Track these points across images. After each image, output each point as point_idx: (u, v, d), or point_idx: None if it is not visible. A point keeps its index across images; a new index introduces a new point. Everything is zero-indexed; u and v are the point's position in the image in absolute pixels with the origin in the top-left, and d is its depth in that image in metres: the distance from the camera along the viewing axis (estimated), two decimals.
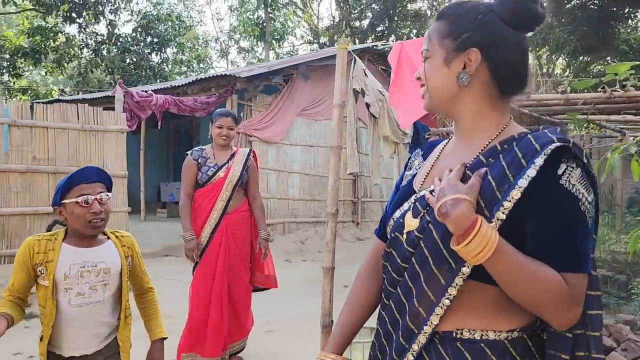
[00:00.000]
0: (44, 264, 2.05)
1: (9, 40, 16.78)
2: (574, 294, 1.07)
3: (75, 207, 2.05)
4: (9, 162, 6.27)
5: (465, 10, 1.23)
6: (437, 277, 1.15)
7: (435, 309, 1.16)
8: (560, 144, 1.09)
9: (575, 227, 1.08)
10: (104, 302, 2.13)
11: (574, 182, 1.08)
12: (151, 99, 7.97)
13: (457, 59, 1.21)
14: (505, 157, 1.14)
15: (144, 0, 19.75)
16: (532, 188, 1.08)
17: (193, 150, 3.89)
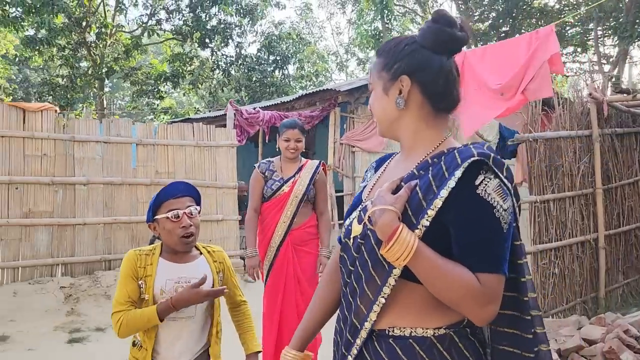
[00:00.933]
0: (144, 278, 2.14)
1: (155, 68, 18.97)
2: (486, 292, 1.18)
3: (167, 222, 2.11)
4: (137, 176, 7.24)
5: (395, 44, 1.42)
6: (375, 278, 1.31)
7: (373, 307, 1.31)
8: (478, 158, 1.23)
9: (489, 232, 1.21)
10: (196, 317, 2.18)
11: (489, 192, 1.21)
12: (258, 115, 8.64)
13: (392, 87, 1.38)
14: (432, 170, 1.29)
15: (267, 22, 20.98)
16: (453, 197, 1.21)
17: (261, 163, 3.79)
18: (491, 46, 4.33)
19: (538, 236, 5.26)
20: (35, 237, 6.46)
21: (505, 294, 1.31)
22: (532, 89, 3.75)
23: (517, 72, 3.70)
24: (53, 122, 6.68)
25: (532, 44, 3.73)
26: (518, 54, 3.77)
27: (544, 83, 3.73)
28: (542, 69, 3.65)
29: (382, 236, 1.24)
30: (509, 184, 1.26)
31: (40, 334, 5.48)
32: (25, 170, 6.44)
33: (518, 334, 1.33)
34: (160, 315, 2.07)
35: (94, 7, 16.86)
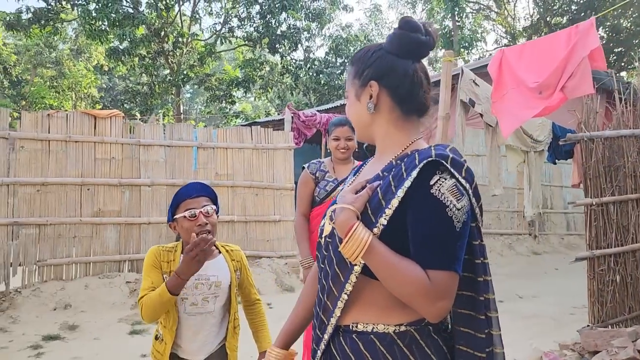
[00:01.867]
0: (167, 272, 2.21)
1: (228, 74, 19.72)
2: (435, 289, 1.20)
3: (184, 221, 2.18)
4: (197, 177, 7.60)
5: (364, 52, 1.49)
6: (339, 275, 1.37)
7: (337, 303, 1.37)
8: (434, 158, 1.26)
9: (440, 230, 1.23)
10: (214, 312, 2.27)
11: (443, 191, 1.24)
12: (315, 118, 8.77)
13: (363, 93, 1.44)
14: (394, 171, 1.34)
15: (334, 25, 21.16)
16: (410, 197, 1.26)
17: (310, 163, 3.54)
18: (529, 43, 4.15)
19: (595, 241, 4.97)
20: (105, 234, 6.96)
21: (464, 292, 1.34)
22: (571, 86, 3.57)
23: (556, 69, 3.54)
24: (120, 127, 7.17)
25: (572, 39, 3.54)
26: (557, 50, 3.60)
27: (584, 80, 3.53)
28: (581, 65, 3.46)
29: (340, 233, 1.31)
30: (467, 185, 1.29)
31: (106, 325, 5.91)
32: (95, 172, 6.96)
33: (472, 334, 1.34)
34: (169, 288, 2.09)
35: (171, 17, 17.80)
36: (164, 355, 2.24)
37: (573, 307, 6.54)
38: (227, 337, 2.33)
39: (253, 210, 7.93)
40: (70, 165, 6.80)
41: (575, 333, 4.86)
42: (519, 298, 7.24)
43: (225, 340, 2.32)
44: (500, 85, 3.86)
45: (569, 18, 20.03)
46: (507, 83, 3.80)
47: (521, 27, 23.42)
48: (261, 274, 7.51)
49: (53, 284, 6.54)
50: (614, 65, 19.13)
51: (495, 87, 3.91)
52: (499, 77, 3.89)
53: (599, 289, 4.96)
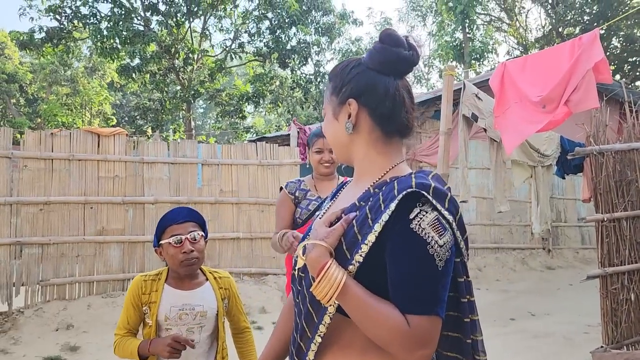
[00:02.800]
0: (149, 304, 2.16)
1: (238, 89, 19.80)
2: (415, 336, 1.09)
3: (169, 247, 2.14)
4: (202, 195, 7.54)
5: (342, 68, 1.37)
6: (312, 315, 1.26)
7: (311, 345, 1.25)
8: (414, 189, 1.15)
9: (420, 270, 1.12)
10: (200, 343, 2.19)
11: (424, 226, 1.13)
12: None
13: (342, 111, 1.33)
14: (371, 201, 1.22)
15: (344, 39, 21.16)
16: (389, 231, 1.15)
17: (289, 183, 3.22)
18: (532, 55, 4.03)
19: (607, 258, 4.79)
20: (108, 253, 6.91)
21: (449, 334, 1.26)
22: (575, 99, 3.43)
23: (559, 82, 3.40)
24: (124, 145, 7.15)
25: (575, 52, 3.41)
26: (560, 63, 3.46)
27: (588, 93, 3.40)
28: (586, 78, 3.33)
29: (312, 271, 1.20)
30: (451, 217, 1.18)
31: (108, 346, 5.78)
32: (99, 190, 6.93)
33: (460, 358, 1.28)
34: (140, 353, 2.13)
35: (181, 34, 17.95)
36: None
37: (587, 325, 6.32)
38: None
39: (259, 226, 7.84)
40: (73, 183, 6.78)
41: (589, 354, 4.66)
42: (532, 316, 7.02)
43: None
44: (503, 100, 3.74)
45: (581, 28, 19.84)
46: (510, 97, 3.67)
47: (533, 38, 23.24)
48: (267, 292, 7.39)
49: (55, 304, 6.49)
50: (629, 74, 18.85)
51: (497, 102, 3.79)
52: (501, 91, 3.77)
53: (613, 308, 4.77)
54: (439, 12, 21.63)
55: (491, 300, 7.77)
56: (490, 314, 6.99)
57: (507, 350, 5.30)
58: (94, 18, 16.23)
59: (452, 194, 1.26)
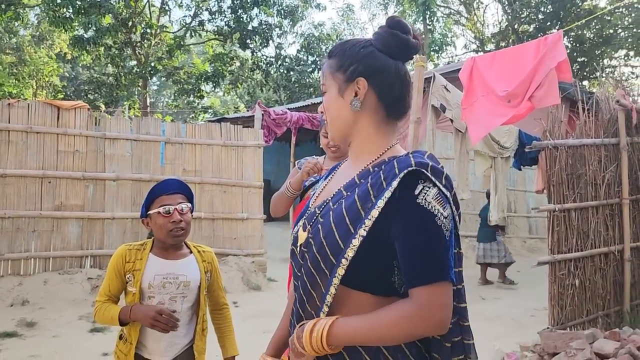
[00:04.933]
0: (132, 272, 2.19)
1: (197, 67, 19.44)
2: (426, 306, 1.16)
3: (158, 217, 2.17)
4: (164, 173, 7.45)
5: (350, 46, 1.40)
6: (319, 286, 1.29)
7: (319, 314, 1.29)
8: (415, 168, 1.22)
9: (433, 241, 1.19)
10: (182, 313, 2.22)
11: (429, 200, 1.19)
12: (286, 116, 8.73)
13: (348, 88, 1.34)
14: (372, 179, 1.28)
15: (307, 23, 21.13)
16: (395, 209, 1.20)
17: (301, 160, 3.28)
18: (500, 52, 4.24)
19: (556, 246, 5.12)
20: (66, 229, 6.76)
21: None
22: (538, 96, 3.66)
23: (524, 79, 3.61)
24: (85, 119, 6.97)
25: (540, 51, 3.63)
26: (526, 61, 3.68)
27: (551, 90, 3.63)
28: (549, 76, 3.55)
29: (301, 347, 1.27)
30: (448, 192, 1.26)
31: (66, 322, 5.74)
32: (58, 165, 6.74)
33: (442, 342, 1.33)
34: (121, 319, 2.16)
35: (139, 7, 17.42)
36: (128, 355, 2.20)
37: (534, 309, 6.72)
38: (195, 340, 2.30)
39: (220, 207, 7.84)
40: (30, 157, 6.57)
41: (536, 335, 4.99)
42: (482, 300, 7.38)
43: (193, 342, 2.29)
44: (471, 93, 3.92)
45: (535, 27, 20.54)
46: (477, 90, 3.86)
47: (490, 33, 23.88)
48: (228, 272, 7.43)
49: (10, 279, 6.32)
50: (577, 74, 19.72)
51: (465, 94, 3.97)
52: (470, 84, 3.95)
53: (559, 292, 5.11)
54: (400, 2, 21.88)
55: None
56: None
57: None
58: None
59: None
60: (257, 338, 2.39)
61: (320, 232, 1.29)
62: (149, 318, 2.08)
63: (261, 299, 7.06)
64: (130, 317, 2.13)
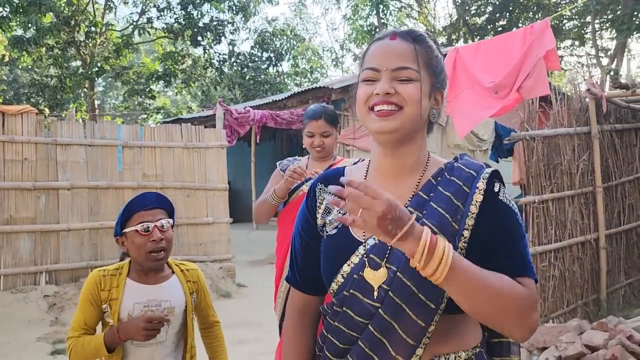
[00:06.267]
0: (109, 302, 1.99)
1: (146, 67, 18.76)
2: (532, 297, 1.11)
3: (136, 236, 1.95)
4: (123, 179, 7.03)
5: (435, 46, 1.27)
6: (415, 322, 1.13)
7: (416, 351, 1.14)
8: (493, 168, 1.22)
9: (520, 237, 1.18)
10: (167, 342, 2.04)
11: (509, 198, 1.20)
12: (249, 114, 8.43)
13: (434, 94, 1.25)
14: (445, 188, 1.19)
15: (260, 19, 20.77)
16: (481, 209, 1.16)
17: (283, 161, 3.11)
18: (484, 42, 4.15)
19: (537, 237, 5.08)
20: (18, 244, 6.24)
21: None
22: (527, 86, 3.55)
23: (512, 69, 3.50)
24: (34, 125, 6.45)
25: (527, 40, 3.53)
26: (512, 50, 3.57)
27: (539, 80, 3.53)
28: (537, 65, 3.46)
29: (414, 250, 1.02)
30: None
31: (23, 346, 5.29)
32: (5, 175, 6.21)
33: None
34: (107, 345, 1.93)
35: (82, 5, 16.60)
36: None
37: None
38: None
39: (184, 212, 7.46)
40: None
41: None
42: None
43: None
44: (455, 85, 3.78)
45: (486, 18, 20.92)
46: (462, 82, 3.73)
47: (441, 26, 24.19)
48: None
49: None
50: None
51: (449, 87, 3.82)
52: (454, 76, 3.81)
53: (542, 284, 5.08)
54: None
55: None
56: None
57: None
58: None
59: None
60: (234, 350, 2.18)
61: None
62: (141, 330, 1.88)
63: (232, 306, 6.77)
64: (120, 337, 1.91)
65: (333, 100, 9.13)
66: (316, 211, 1.35)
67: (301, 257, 1.38)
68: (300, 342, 1.37)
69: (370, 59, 1.23)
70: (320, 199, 1.36)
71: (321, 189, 1.37)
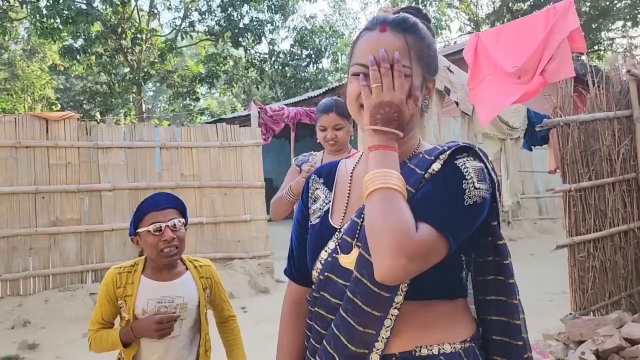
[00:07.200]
0: (124, 298, 2.07)
1: (190, 70, 19.20)
2: (415, 242, 1.02)
3: (148, 236, 2.02)
4: (162, 180, 7.25)
5: (427, 33, 1.24)
6: (378, 295, 1.12)
7: (385, 322, 1.13)
8: (465, 144, 1.18)
9: (447, 194, 1.10)
10: (181, 336, 2.10)
11: (467, 165, 1.12)
12: (283, 112, 8.50)
13: (426, 83, 1.23)
14: (414, 162, 1.20)
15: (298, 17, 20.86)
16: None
17: (299, 156, 3.18)
18: (506, 25, 3.99)
19: (574, 227, 4.88)
20: (64, 244, 6.55)
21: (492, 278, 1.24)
22: (551, 69, 3.39)
23: (534, 52, 3.35)
24: (76, 130, 6.75)
25: (550, 21, 3.36)
26: (535, 33, 3.41)
27: (564, 63, 3.37)
28: (561, 47, 3.29)
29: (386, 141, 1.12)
30: (495, 178, 1.19)
31: (69, 342, 5.54)
32: (50, 179, 6.52)
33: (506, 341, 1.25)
34: (123, 341, 2.03)
35: (128, 13, 17.17)
36: None
37: (552, 293, 6.48)
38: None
39: (222, 210, 7.61)
40: (21, 172, 6.35)
41: (557, 321, 4.77)
42: None
43: None
44: (477, 72, 3.67)
45: (530, 4, 20.19)
46: (484, 69, 3.61)
47: (484, 14, 23.55)
48: (234, 277, 7.23)
49: (10, 300, 6.12)
50: None
51: (471, 74, 3.71)
52: (475, 63, 3.69)
53: (580, 276, 4.88)
54: None
55: None
56: None
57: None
58: None
59: None
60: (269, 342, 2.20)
61: None
62: (154, 331, 1.99)
63: (270, 301, 6.84)
64: (135, 335, 2.02)
65: None
66: (308, 202, 1.38)
67: (296, 248, 1.40)
68: (293, 333, 1.39)
69: (360, 54, 1.20)
70: (312, 189, 1.39)
71: (314, 180, 1.40)
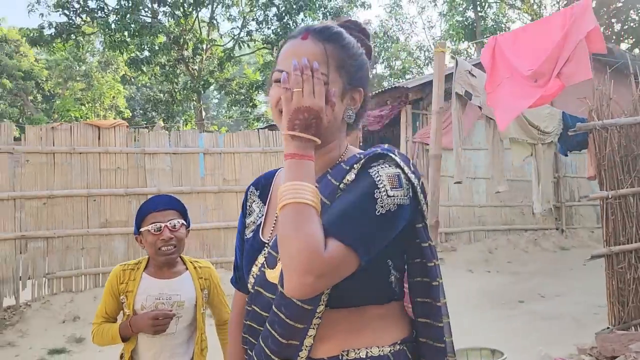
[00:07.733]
0: (125, 293, 2.18)
1: (248, 77, 19.71)
2: (323, 259, 1.00)
3: (148, 235, 2.14)
4: (205, 184, 7.52)
5: (352, 43, 1.23)
6: (301, 308, 1.13)
7: (308, 332, 1.15)
8: (380, 151, 1.17)
9: (358, 205, 1.08)
10: (177, 334, 2.19)
11: (381, 174, 1.11)
12: None
13: (348, 94, 1.20)
14: (332, 173, 1.20)
15: None
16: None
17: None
18: (524, 27, 3.85)
19: (612, 236, 4.64)
20: (113, 245, 6.94)
21: (423, 299, 1.22)
22: (567, 72, 3.26)
23: (550, 54, 3.24)
24: (125, 137, 7.14)
25: (567, 22, 3.24)
26: (551, 35, 3.29)
27: (581, 65, 3.23)
28: (578, 48, 3.16)
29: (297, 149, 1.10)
30: (415, 180, 1.17)
31: None
32: (101, 183, 6.95)
33: (431, 344, 1.24)
34: (122, 335, 2.14)
35: (189, 24, 17.89)
36: None
37: (598, 306, 6.14)
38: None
39: None
40: (75, 176, 6.80)
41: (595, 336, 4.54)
42: (541, 297, 6.87)
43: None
44: (494, 75, 3.59)
45: (598, 2, 19.22)
46: (501, 72, 3.53)
47: (548, 14, 22.63)
48: None
49: (62, 296, 6.56)
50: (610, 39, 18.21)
51: (489, 78, 3.64)
52: (493, 66, 3.62)
53: (619, 287, 4.63)
54: None
55: (501, 282, 7.64)
56: (499, 296, 6.87)
57: (510, 333, 5.18)
58: (102, 12, 16.26)
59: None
60: None
61: None
62: (150, 326, 2.07)
63: None
64: (133, 330, 2.12)
65: (411, 100, 8.98)
66: (246, 213, 1.41)
67: (239, 257, 1.41)
68: (239, 341, 1.39)
69: (281, 60, 1.23)
70: (250, 202, 1.40)
71: (252, 192, 1.41)
